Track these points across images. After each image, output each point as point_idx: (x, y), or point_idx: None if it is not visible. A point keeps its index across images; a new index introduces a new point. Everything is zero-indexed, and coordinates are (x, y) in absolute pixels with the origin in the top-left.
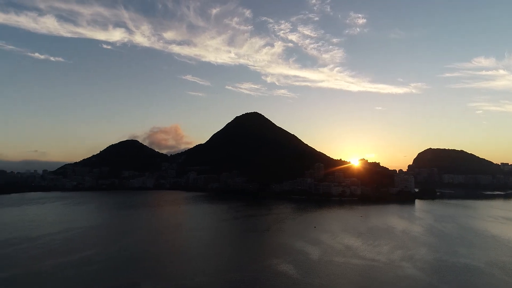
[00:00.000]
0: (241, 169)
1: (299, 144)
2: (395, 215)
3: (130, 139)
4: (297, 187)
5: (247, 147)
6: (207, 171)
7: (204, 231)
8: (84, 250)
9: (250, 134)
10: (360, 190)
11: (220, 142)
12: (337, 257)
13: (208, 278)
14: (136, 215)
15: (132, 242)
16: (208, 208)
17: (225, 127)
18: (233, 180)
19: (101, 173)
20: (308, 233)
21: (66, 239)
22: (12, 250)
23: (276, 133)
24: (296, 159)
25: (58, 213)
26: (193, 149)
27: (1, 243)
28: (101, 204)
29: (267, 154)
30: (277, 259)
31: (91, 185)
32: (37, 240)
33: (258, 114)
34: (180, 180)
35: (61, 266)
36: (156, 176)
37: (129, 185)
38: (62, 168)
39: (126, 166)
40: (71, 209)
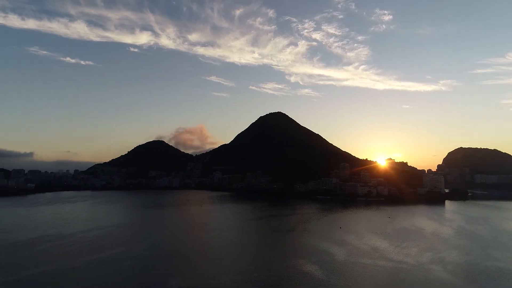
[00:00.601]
0: (265, 169)
1: (324, 143)
2: (424, 216)
3: (157, 140)
4: (322, 187)
5: (271, 147)
6: (232, 171)
7: (229, 231)
8: (114, 248)
9: (274, 134)
10: (387, 190)
11: (245, 142)
12: (363, 259)
13: (232, 277)
14: (162, 214)
15: (159, 240)
16: (233, 208)
17: (249, 127)
18: (257, 180)
19: (129, 173)
20: (333, 233)
21: (97, 237)
22: (48, 246)
23: (300, 132)
24: (320, 158)
25: (89, 212)
26: (217, 149)
27: (37, 240)
28: (129, 203)
29: (291, 154)
30: (301, 259)
31: (119, 184)
32: (70, 238)
33: (282, 114)
34: (205, 180)
35: (93, 262)
36: (181, 175)
37: (155, 184)
38: (92, 168)
39: (152, 166)
40: (101, 208)
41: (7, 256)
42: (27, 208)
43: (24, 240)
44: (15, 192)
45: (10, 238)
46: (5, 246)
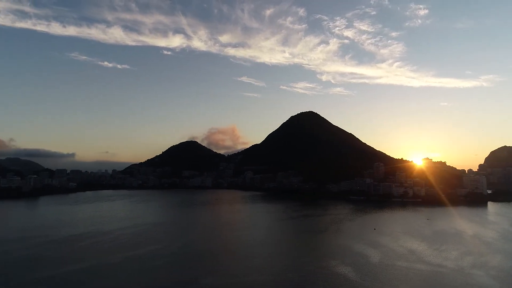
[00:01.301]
0: (297, 169)
1: (357, 143)
2: (465, 219)
3: (190, 140)
4: (355, 188)
5: (302, 147)
6: (263, 170)
7: (261, 230)
8: (149, 245)
9: (306, 133)
10: (424, 191)
11: (276, 141)
12: (399, 261)
13: (264, 277)
14: (196, 213)
15: (192, 239)
16: (265, 208)
17: (280, 127)
18: (289, 179)
19: (163, 172)
20: (367, 235)
21: (134, 234)
22: (88, 243)
23: (333, 132)
24: (353, 158)
25: (126, 210)
26: (249, 149)
27: (79, 236)
28: (164, 202)
29: (323, 154)
30: (334, 260)
31: (154, 184)
32: (108, 235)
33: (313, 113)
34: (237, 180)
35: (130, 259)
36: (214, 175)
37: (189, 184)
38: (129, 168)
39: (186, 166)
40: (137, 206)
41: (52, 251)
42: (70, 206)
43: (67, 237)
44: (59, 191)
45: (54, 234)
46: (50, 242)
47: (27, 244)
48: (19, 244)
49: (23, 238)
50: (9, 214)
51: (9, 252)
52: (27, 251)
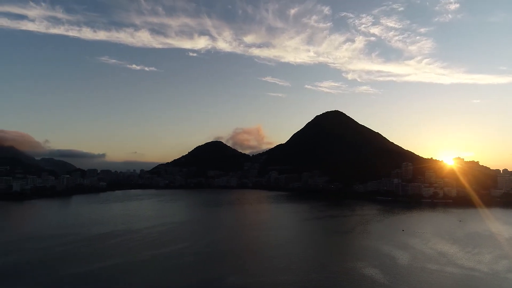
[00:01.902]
0: (322, 169)
1: (384, 142)
2: (500, 221)
3: (215, 140)
4: (382, 188)
5: (328, 146)
6: (288, 170)
7: (286, 230)
8: (176, 244)
9: (331, 133)
10: (456, 191)
11: (301, 141)
12: (429, 264)
13: (290, 277)
14: (221, 213)
15: (217, 238)
16: (290, 208)
17: (305, 127)
18: (314, 180)
19: (189, 172)
20: (395, 236)
21: (161, 233)
22: (118, 241)
23: (359, 131)
24: (381, 158)
25: (153, 209)
26: (274, 149)
27: (109, 234)
28: (190, 201)
29: (349, 153)
30: (361, 261)
31: (180, 183)
32: (137, 233)
33: (339, 113)
34: (261, 180)
35: (157, 257)
36: (239, 175)
37: (214, 184)
38: (156, 168)
39: (211, 166)
40: (165, 205)
41: (84, 249)
42: (100, 205)
43: (97, 234)
44: (90, 190)
45: (86, 232)
46: (82, 240)
47: (61, 241)
48: (54, 241)
49: (58, 236)
50: (45, 212)
51: (46, 248)
52: (61, 248)
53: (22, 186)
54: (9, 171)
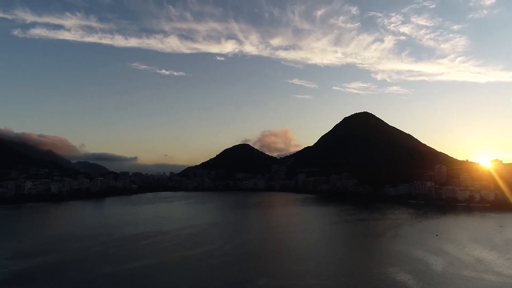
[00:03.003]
0: (351, 171)
1: (416, 144)
2: None
3: (243, 143)
4: (414, 191)
5: (357, 148)
6: (316, 173)
7: (314, 233)
8: (206, 245)
9: (360, 134)
10: (494, 195)
11: (329, 143)
12: (465, 271)
13: (319, 280)
14: (249, 215)
15: (246, 240)
16: (318, 210)
17: (333, 129)
18: (342, 182)
19: (217, 175)
20: (429, 241)
21: (190, 234)
22: (149, 242)
23: (389, 133)
24: (412, 160)
25: (183, 211)
26: (301, 151)
27: (140, 235)
28: (218, 203)
29: (379, 156)
30: (393, 267)
31: (209, 186)
32: (167, 234)
33: (368, 114)
34: (289, 182)
35: (187, 258)
36: (266, 178)
37: (242, 186)
38: (185, 170)
39: (239, 168)
40: (194, 207)
41: (116, 249)
42: (131, 207)
43: (129, 235)
44: (122, 192)
45: (118, 233)
46: (114, 241)
47: (95, 241)
48: (90, 242)
49: (92, 236)
50: (81, 213)
51: (81, 248)
52: (96, 248)
53: (59, 188)
54: (48, 174)
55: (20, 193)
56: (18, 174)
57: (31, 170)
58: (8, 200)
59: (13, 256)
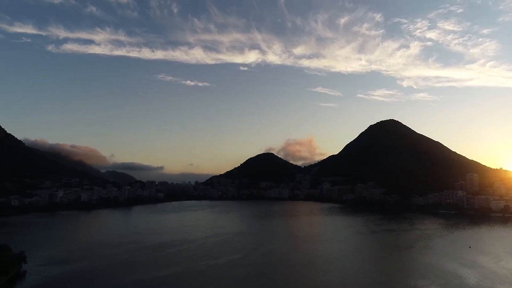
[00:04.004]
0: (377, 180)
1: (445, 152)
2: None
3: (266, 152)
4: (444, 201)
5: (383, 157)
6: (341, 182)
7: (340, 243)
8: (231, 254)
9: (386, 142)
10: None
11: (354, 152)
12: (502, 285)
13: None
14: (274, 224)
15: (271, 249)
16: (344, 220)
17: (358, 137)
18: (369, 191)
19: (242, 184)
20: (461, 253)
21: (215, 244)
22: (175, 250)
23: (417, 140)
24: (442, 169)
25: (207, 220)
26: (326, 160)
27: (166, 244)
28: (243, 212)
29: (406, 164)
30: (423, 279)
31: (233, 195)
32: (192, 243)
33: (394, 121)
34: (314, 191)
35: (212, 267)
36: (291, 187)
37: (266, 195)
38: (209, 180)
39: (263, 177)
40: (218, 216)
41: (143, 257)
42: (158, 215)
43: (155, 244)
44: (148, 201)
45: (145, 241)
46: (141, 248)
47: (123, 249)
48: (117, 249)
49: (120, 244)
50: (109, 221)
51: (110, 256)
52: (124, 256)
53: (89, 197)
54: (78, 183)
55: (52, 202)
56: (51, 183)
57: (63, 180)
58: (42, 209)
59: (47, 263)
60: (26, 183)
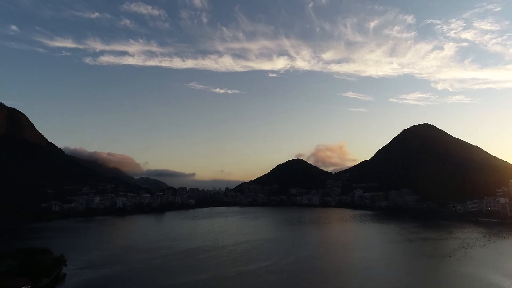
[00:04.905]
0: (412, 187)
1: (485, 156)
2: None
3: (296, 158)
4: (485, 208)
5: (417, 162)
6: (374, 188)
7: (374, 252)
8: (261, 261)
9: (421, 147)
10: None
11: (387, 157)
12: None
13: None
14: (305, 231)
15: (302, 256)
16: (377, 228)
17: (391, 142)
18: (403, 198)
19: (271, 190)
20: (504, 264)
21: (246, 250)
22: (206, 256)
23: (454, 145)
24: (482, 174)
25: (238, 226)
26: (357, 165)
27: (198, 249)
28: (273, 219)
29: (443, 170)
30: None
31: (263, 201)
32: (223, 249)
33: (429, 126)
34: (345, 198)
35: (243, 273)
36: (321, 193)
37: (296, 201)
38: (239, 186)
39: (292, 184)
40: (248, 222)
41: (176, 262)
42: (189, 221)
43: (187, 249)
44: (180, 207)
45: (177, 246)
46: (174, 253)
47: (156, 254)
48: (151, 254)
49: (154, 249)
50: (142, 226)
51: (144, 260)
52: (157, 261)
53: (124, 203)
54: (113, 190)
55: (90, 207)
56: (88, 189)
57: (99, 186)
58: (80, 214)
59: (85, 266)
60: (65, 190)
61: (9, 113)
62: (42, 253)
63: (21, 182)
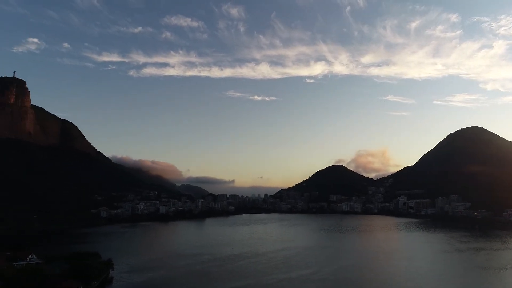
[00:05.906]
0: (461, 193)
1: None
2: None
3: (336, 164)
4: None
5: (467, 167)
6: (419, 195)
7: (421, 262)
8: (301, 269)
9: (470, 151)
10: None
11: (432, 163)
12: None
13: None
14: (346, 239)
15: (344, 265)
16: (423, 237)
17: (436, 146)
18: (451, 205)
19: (311, 197)
20: None
21: (286, 257)
22: (245, 262)
23: (507, 148)
24: None
25: (277, 233)
26: (401, 171)
27: (237, 256)
28: (313, 226)
29: (496, 175)
30: None
31: (303, 208)
32: (263, 256)
33: (478, 128)
34: (388, 205)
35: (283, 281)
36: (363, 200)
37: (337, 209)
38: (278, 193)
39: (332, 190)
40: (288, 230)
41: (216, 269)
42: (229, 227)
43: (228, 255)
44: (220, 213)
45: (218, 252)
46: (215, 259)
47: (198, 260)
48: (193, 260)
49: (195, 254)
50: (184, 232)
51: (186, 266)
52: (198, 266)
53: (166, 209)
54: (157, 196)
55: (135, 213)
56: (133, 196)
57: (143, 193)
58: (126, 220)
59: (131, 270)
60: (112, 196)
61: (62, 125)
62: (92, 257)
63: (73, 189)
